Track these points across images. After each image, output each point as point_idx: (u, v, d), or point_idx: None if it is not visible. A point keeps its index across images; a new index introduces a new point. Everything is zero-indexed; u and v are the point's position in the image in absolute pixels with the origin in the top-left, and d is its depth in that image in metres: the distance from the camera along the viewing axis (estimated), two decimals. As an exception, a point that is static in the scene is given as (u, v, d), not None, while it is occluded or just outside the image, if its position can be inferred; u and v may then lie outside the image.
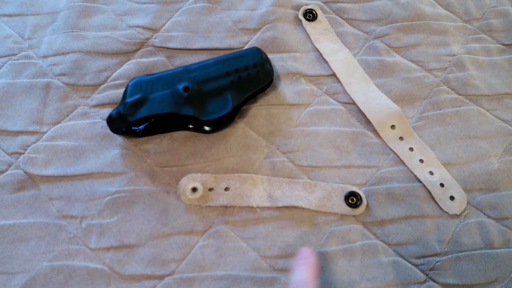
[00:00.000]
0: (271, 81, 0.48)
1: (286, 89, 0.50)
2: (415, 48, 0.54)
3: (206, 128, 0.46)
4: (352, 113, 0.49)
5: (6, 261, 0.40)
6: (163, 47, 0.52)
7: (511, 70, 0.53)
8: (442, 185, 0.45)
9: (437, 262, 0.42)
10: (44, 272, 0.40)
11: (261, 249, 0.42)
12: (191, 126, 0.46)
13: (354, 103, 0.50)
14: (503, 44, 0.55)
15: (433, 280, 0.41)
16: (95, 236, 0.41)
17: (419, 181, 0.46)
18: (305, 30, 0.54)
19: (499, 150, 0.48)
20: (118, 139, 0.46)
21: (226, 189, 0.44)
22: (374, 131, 0.48)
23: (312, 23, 0.55)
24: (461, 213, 0.44)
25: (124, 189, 0.43)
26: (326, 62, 0.52)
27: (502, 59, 0.54)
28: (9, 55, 0.50)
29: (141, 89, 0.45)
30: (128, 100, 0.44)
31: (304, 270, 0.35)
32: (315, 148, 0.47)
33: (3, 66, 0.50)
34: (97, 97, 0.48)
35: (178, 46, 0.52)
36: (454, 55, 0.54)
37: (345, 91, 0.51)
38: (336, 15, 0.56)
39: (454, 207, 0.45)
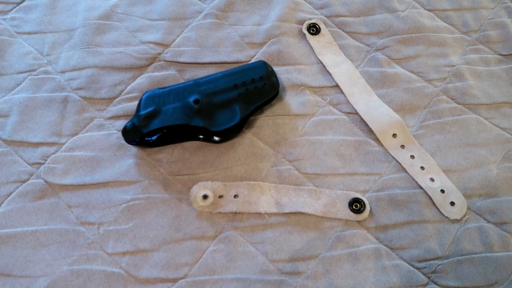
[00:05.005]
0: (277, 93, 0.50)
1: (291, 100, 0.52)
2: (415, 59, 0.56)
3: (216, 138, 0.48)
4: (355, 123, 0.52)
5: (29, 266, 0.42)
6: (174, 62, 0.54)
7: (509, 79, 0.55)
8: (442, 191, 0.47)
9: (438, 265, 0.44)
10: (64, 275, 0.42)
11: (269, 253, 0.44)
12: (201, 137, 0.49)
13: (357, 113, 0.52)
14: (501, 55, 0.57)
15: (435, 283, 0.43)
16: (112, 242, 0.44)
17: (421, 187, 0.48)
18: (309, 44, 0.57)
19: (498, 157, 0.50)
20: (132, 149, 0.49)
21: (235, 196, 0.46)
22: (376, 140, 0.50)
23: (316, 37, 0.57)
24: (461, 218, 0.46)
25: (138, 196, 0.46)
26: (330, 74, 0.54)
27: (500, 69, 0.56)
28: (29, 71, 0.53)
29: (154, 102, 0.48)
30: (142, 112, 0.47)
31: None
32: (319, 157, 0.49)
33: (23, 81, 0.53)
34: (112, 109, 0.51)
35: (188, 60, 0.54)
36: (453, 65, 0.56)
37: (348, 102, 0.53)
38: (339, 28, 0.58)
39: (454, 212, 0.46)
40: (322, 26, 0.58)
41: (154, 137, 0.48)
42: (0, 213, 0.45)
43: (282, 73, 0.54)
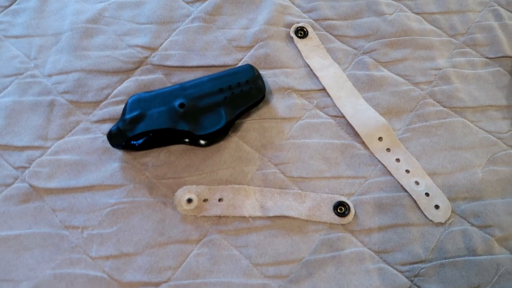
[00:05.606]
0: (263, 96, 0.51)
1: (278, 104, 0.52)
2: (402, 62, 0.56)
3: (201, 142, 0.49)
4: (341, 126, 0.52)
5: (12, 270, 0.42)
6: (161, 65, 0.54)
7: (495, 82, 0.55)
8: (427, 194, 0.47)
9: (422, 269, 0.44)
10: (47, 280, 0.42)
11: (253, 257, 0.44)
12: (187, 140, 0.49)
13: (343, 116, 0.52)
14: (487, 58, 0.57)
15: (418, 286, 0.43)
16: (96, 245, 0.44)
17: (405, 190, 0.48)
18: (297, 47, 0.57)
19: (483, 160, 0.50)
20: (118, 153, 0.49)
21: (220, 200, 0.46)
22: (362, 143, 0.51)
23: (303, 40, 0.57)
24: (445, 221, 0.46)
25: (123, 200, 0.46)
26: (317, 77, 0.55)
27: (486, 72, 0.56)
28: (16, 74, 0.53)
29: (140, 106, 0.48)
30: (127, 116, 0.47)
31: None
32: (305, 160, 0.49)
33: (10, 85, 0.53)
34: (98, 113, 0.51)
35: (175, 64, 0.54)
36: (440, 68, 0.56)
37: (334, 105, 0.53)
38: (326, 32, 0.58)
39: (438, 216, 0.46)
40: (310, 29, 0.58)
41: (139, 141, 0.48)
42: (-15, 217, 0.45)
43: (269, 76, 0.54)
